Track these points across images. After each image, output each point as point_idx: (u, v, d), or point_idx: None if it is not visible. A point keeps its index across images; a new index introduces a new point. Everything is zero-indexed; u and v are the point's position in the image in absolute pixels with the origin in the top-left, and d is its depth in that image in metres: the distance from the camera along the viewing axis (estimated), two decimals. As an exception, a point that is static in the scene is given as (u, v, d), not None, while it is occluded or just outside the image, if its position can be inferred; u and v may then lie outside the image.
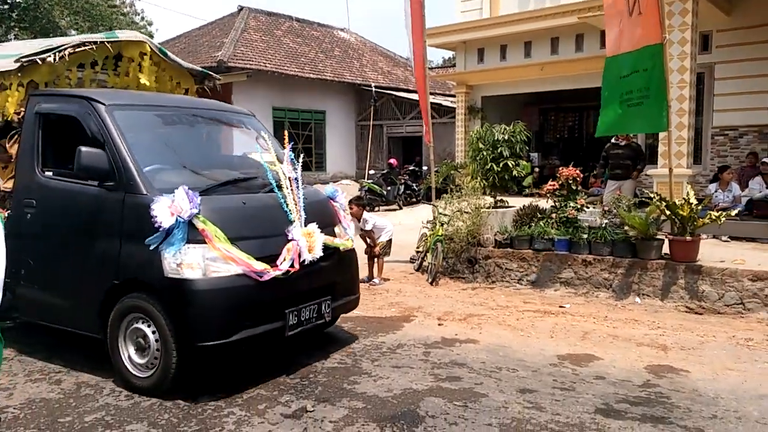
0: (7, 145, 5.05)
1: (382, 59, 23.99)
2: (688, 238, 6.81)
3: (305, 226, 4.47)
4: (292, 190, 4.54)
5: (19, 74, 5.00)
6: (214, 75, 6.73)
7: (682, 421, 3.73)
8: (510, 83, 15.29)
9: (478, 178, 8.83)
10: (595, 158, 12.95)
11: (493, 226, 8.17)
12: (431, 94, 8.97)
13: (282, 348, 4.98)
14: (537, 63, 14.48)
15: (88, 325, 4.40)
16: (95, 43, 5.32)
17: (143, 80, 5.87)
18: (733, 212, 7.49)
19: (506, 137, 8.93)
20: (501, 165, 8.84)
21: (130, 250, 4.08)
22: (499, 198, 9.09)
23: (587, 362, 4.84)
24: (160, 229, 3.88)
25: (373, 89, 20.31)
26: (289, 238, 4.34)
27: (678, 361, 4.86)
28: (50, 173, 4.65)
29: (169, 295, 3.95)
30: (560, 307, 6.68)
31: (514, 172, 8.90)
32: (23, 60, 4.93)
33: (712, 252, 7.21)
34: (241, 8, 21.21)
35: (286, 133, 5.01)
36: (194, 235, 3.92)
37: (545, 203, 8.38)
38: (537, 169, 14.31)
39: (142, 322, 4.11)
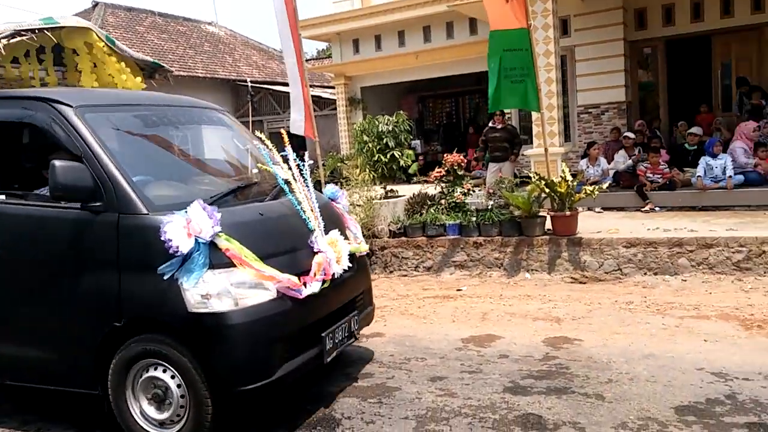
0: None
1: (256, 53, 23.39)
2: (568, 213, 7.24)
3: (326, 234, 3.90)
4: (305, 194, 3.94)
5: None
6: (167, 67, 5.83)
7: (582, 389, 3.95)
8: (387, 73, 15.47)
9: (367, 170, 8.86)
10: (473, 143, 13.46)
11: (386, 217, 8.24)
12: (310, 86, 8.89)
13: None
14: (411, 52, 14.76)
15: (79, 379, 3.55)
16: (33, 31, 4.26)
17: (85, 78, 4.90)
18: (604, 185, 8.06)
19: (390, 128, 9.02)
20: (388, 156, 8.93)
21: (133, 283, 3.29)
22: (389, 188, 9.18)
23: (490, 342, 5.01)
24: (176, 255, 3.15)
25: (249, 84, 19.77)
26: (315, 250, 3.74)
27: (571, 331, 5.15)
28: (1, 197, 3.74)
29: (196, 334, 3.22)
30: (458, 290, 6.87)
31: (401, 162, 9.03)
32: None
33: (588, 224, 7.72)
34: (96, 3, 19.76)
35: (284, 131, 4.39)
36: (216, 259, 3.22)
37: (433, 190, 8.57)
38: (421, 157, 14.63)
39: (158, 369, 3.35)
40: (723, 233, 6.72)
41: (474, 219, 7.69)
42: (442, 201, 8.21)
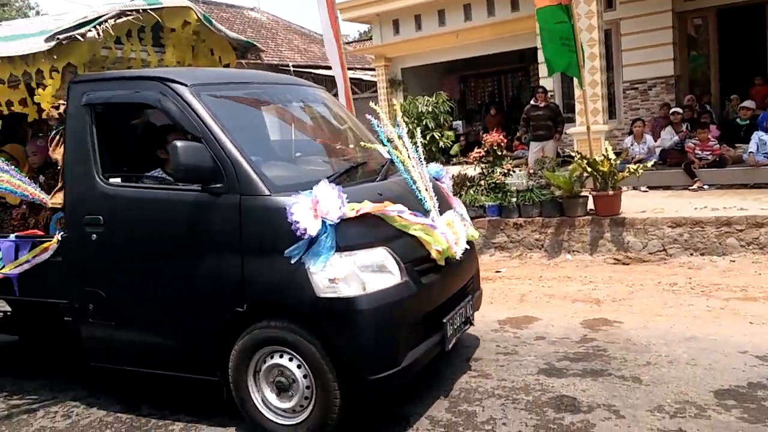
0: (49, 150, 3.88)
1: (298, 37, 23.52)
2: (610, 192, 7.09)
3: (441, 214, 3.71)
4: (419, 173, 3.75)
5: (55, 56, 3.73)
6: (259, 46, 5.66)
7: (619, 371, 3.90)
8: (428, 53, 15.31)
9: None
10: (516, 121, 13.24)
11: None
12: (350, 69, 8.94)
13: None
14: (452, 31, 14.54)
15: (197, 366, 3.50)
16: (137, 11, 4.13)
17: (184, 58, 4.79)
18: (649, 163, 7.83)
19: (430, 109, 8.98)
20: (428, 137, 8.89)
21: (257, 266, 3.18)
22: (428, 170, 9.14)
23: (527, 324, 4.98)
24: (303, 237, 3.02)
25: (291, 68, 19.91)
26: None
27: (611, 313, 5.07)
28: (117, 180, 3.62)
29: (323, 320, 3.08)
30: (497, 272, 6.83)
31: (441, 143, 8.98)
32: (61, 37, 3.69)
33: (633, 203, 7.53)
34: (143, -6, 20.19)
35: (396, 104, 4.24)
36: (342, 240, 3.08)
37: (473, 171, 8.50)
38: (462, 138, 14.49)
39: (283, 357, 3.24)
40: (777, 212, 6.47)
41: (514, 200, 7.61)
42: (482, 182, 8.14)
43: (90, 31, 3.74)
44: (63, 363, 4.91)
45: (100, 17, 3.86)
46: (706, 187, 8.41)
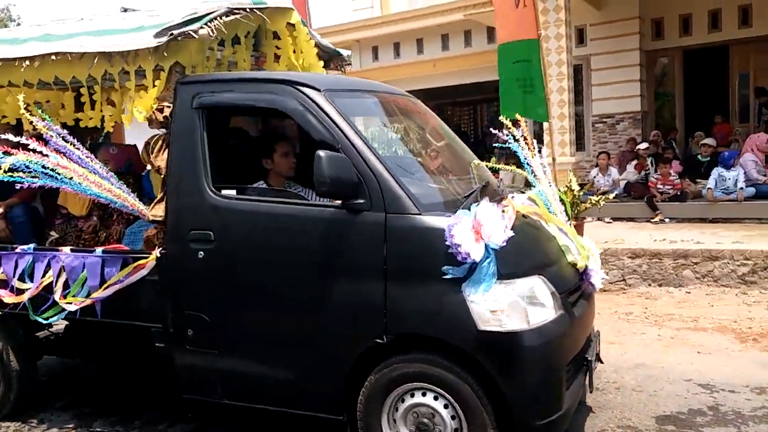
0: (150, 156, 3.43)
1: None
2: (573, 222, 7.26)
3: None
4: (552, 196, 3.48)
5: (165, 54, 3.31)
6: (345, 56, 5.14)
7: (568, 396, 4.00)
8: (406, 80, 15.50)
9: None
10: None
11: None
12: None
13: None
14: (429, 59, 14.86)
15: (320, 403, 3.09)
16: (244, 10, 3.71)
17: (283, 63, 4.27)
18: (611, 195, 8.07)
19: (400, 136, 9.13)
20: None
21: (403, 293, 2.82)
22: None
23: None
24: (464, 262, 2.70)
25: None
26: (573, 260, 3.29)
27: (566, 340, 5.18)
28: (230, 192, 3.26)
29: (485, 356, 2.74)
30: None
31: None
32: (176, 32, 3.28)
33: (596, 233, 7.70)
34: None
35: (521, 119, 3.92)
36: (502, 268, 2.74)
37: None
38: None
39: (426, 395, 2.87)
40: (729, 246, 6.72)
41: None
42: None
43: (203, 28, 3.33)
44: (143, 395, 4.44)
45: (209, 14, 3.46)
46: (667, 220, 8.70)
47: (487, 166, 3.88)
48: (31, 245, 3.70)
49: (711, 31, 11.46)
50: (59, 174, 3.27)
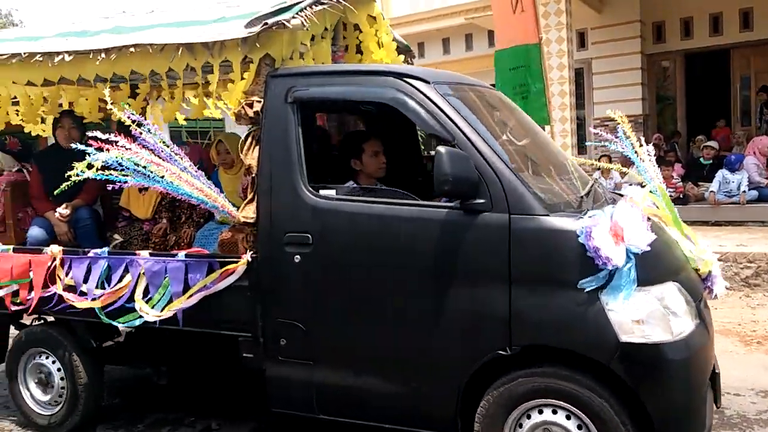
0: (241, 154, 3.19)
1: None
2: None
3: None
4: (666, 196, 3.22)
5: (257, 45, 3.08)
6: (412, 51, 4.89)
7: None
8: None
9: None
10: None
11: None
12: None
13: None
14: (431, 63, 14.83)
15: (431, 419, 2.85)
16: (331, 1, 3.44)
17: (365, 57, 4.00)
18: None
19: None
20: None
21: (530, 301, 2.60)
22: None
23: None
24: (606, 267, 2.47)
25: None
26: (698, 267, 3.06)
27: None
28: (329, 192, 3.04)
29: (628, 370, 2.48)
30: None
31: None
32: (270, 22, 3.05)
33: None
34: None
35: (618, 113, 3.73)
36: (644, 274, 2.51)
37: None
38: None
39: (557, 413, 2.62)
40: (732, 248, 6.66)
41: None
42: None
43: (295, 18, 3.10)
44: (221, 408, 4.11)
45: (298, 3, 3.23)
46: (669, 223, 8.62)
47: (588, 164, 3.71)
48: (105, 249, 3.50)
49: (712, 34, 11.45)
50: (151, 172, 3.00)
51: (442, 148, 2.60)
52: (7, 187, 4.20)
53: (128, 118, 3.01)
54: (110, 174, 2.97)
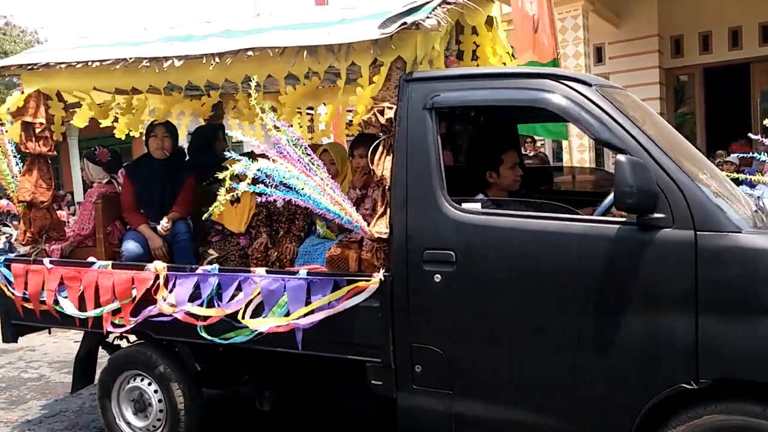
0: (371, 164, 2.97)
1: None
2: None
3: None
4: None
5: (393, 46, 2.87)
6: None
7: None
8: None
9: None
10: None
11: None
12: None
13: None
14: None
15: None
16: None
17: (495, 62, 3.77)
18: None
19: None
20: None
21: (722, 329, 2.34)
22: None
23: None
24: None
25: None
26: None
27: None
28: (473, 206, 2.81)
29: None
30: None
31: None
32: (409, 21, 2.82)
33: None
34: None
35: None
36: None
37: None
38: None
39: None
40: None
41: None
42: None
43: (429, 17, 2.87)
44: None
45: (428, 3, 3.00)
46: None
47: (729, 176, 3.41)
48: (215, 266, 3.29)
49: (731, 48, 11.30)
50: (294, 185, 2.76)
51: (623, 157, 2.36)
52: (98, 199, 3.98)
53: (272, 122, 2.81)
54: (259, 186, 2.74)
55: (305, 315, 2.93)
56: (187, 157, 4.38)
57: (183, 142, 4.59)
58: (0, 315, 3.91)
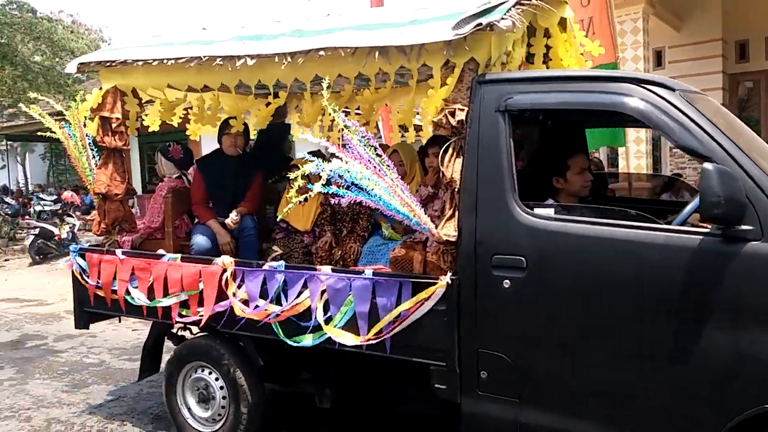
0: (441, 166, 2.96)
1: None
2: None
3: None
4: None
5: (467, 48, 2.84)
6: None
7: None
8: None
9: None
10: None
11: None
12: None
13: None
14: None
15: None
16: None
17: (568, 65, 3.70)
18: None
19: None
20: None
21: None
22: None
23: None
24: None
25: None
26: None
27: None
28: (546, 211, 2.76)
29: None
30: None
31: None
32: (484, 22, 2.78)
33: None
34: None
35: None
36: None
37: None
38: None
39: None
40: None
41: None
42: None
43: (504, 18, 2.83)
44: None
45: (503, 3, 2.95)
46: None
47: None
48: (282, 263, 3.31)
49: None
50: (365, 186, 2.75)
51: (710, 166, 2.28)
52: (168, 193, 4.09)
53: (343, 122, 2.80)
54: (331, 187, 2.74)
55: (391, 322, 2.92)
56: (253, 155, 4.46)
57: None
58: (74, 302, 4.07)
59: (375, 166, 2.79)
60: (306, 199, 2.88)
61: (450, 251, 2.88)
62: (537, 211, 2.74)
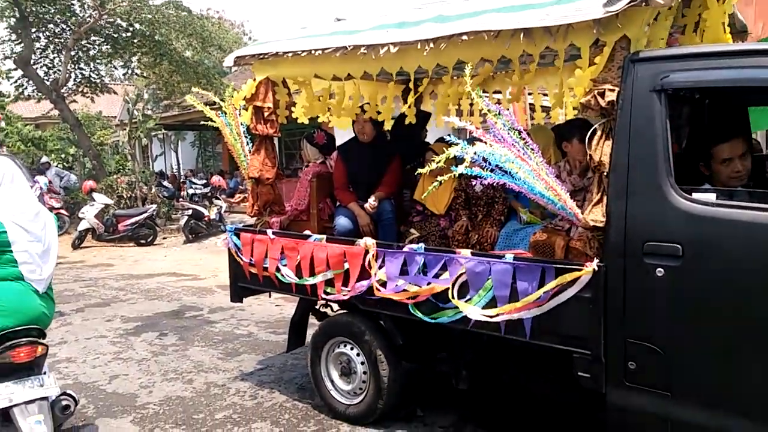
0: (589, 149, 2.86)
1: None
2: None
3: None
4: None
5: (619, 24, 2.71)
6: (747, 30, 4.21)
7: None
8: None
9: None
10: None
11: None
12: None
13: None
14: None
15: None
16: None
17: (724, 38, 3.52)
18: None
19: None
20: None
21: None
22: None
23: None
24: None
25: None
26: None
27: None
28: (707, 196, 2.60)
29: None
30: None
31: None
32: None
33: None
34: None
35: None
36: None
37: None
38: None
39: None
40: None
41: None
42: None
43: None
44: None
45: None
46: None
47: None
48: (421, 245, 3.40)
49: None
50: (509, 169, 2.75)
51: None
52: (314, 177, 4.33)
53: (487, 107, 2.80)
54: (475, 169, 2.74)
55: (524, 306, 2.91)
56: (390, 141, 4.57)
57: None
58: (230, 277, 4.44)
59: (519, 150, 2.77)
60: (440, 183, 2.92)
61: (597, 237, 2.80)
62: (696, 196, 2.58)
